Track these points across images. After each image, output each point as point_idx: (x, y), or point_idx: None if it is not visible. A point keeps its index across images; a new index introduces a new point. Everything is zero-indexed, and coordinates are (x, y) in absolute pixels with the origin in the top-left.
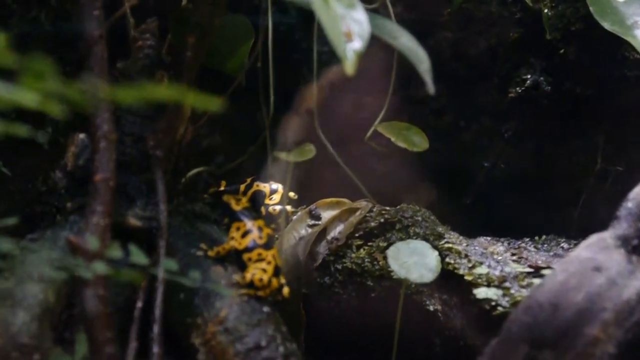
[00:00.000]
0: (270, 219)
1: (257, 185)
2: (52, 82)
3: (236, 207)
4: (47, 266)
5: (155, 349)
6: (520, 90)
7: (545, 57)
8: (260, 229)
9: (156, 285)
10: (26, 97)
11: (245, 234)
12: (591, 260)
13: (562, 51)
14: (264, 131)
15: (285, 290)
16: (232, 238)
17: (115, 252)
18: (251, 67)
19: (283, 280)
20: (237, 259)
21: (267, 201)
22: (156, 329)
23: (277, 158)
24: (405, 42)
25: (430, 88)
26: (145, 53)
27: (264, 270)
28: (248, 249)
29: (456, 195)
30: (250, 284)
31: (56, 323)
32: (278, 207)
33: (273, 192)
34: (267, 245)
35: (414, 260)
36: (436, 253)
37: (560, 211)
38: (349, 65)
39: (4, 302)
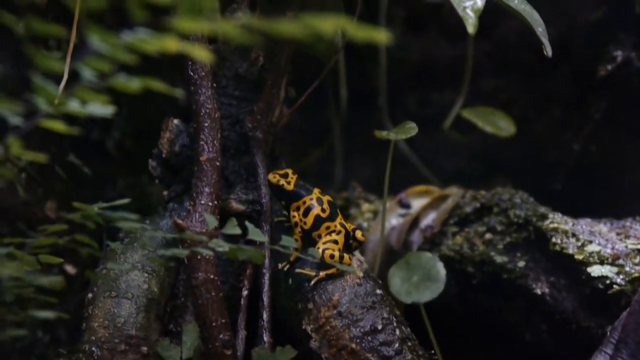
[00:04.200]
0: None
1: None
2: (206, 20)
3: (289, 188)
4: (159, 248)
5: (266, 337)
6: (610, 68)
7: (635, 33)
8: (319, 200)
9: (262, 272)
10: (168, 43)
11: (306, 211)
12: None
13: None
14: (330, 133)
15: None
16: (295, 221)
17: (234, 229)
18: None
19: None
20: (305, 239)
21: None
22: (265, 316)
23: None
24: (520, 4)
25: (548, 50)
26: None
27: (336, 242)
28: (315, 227)
29: (543, 182)
30: (322, 262)
31: (161, 314)
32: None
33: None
34: (332, 217)
35: (416, 279)
36: (437, 259)
37: None
38: (470, 25)
39: (108, 292)
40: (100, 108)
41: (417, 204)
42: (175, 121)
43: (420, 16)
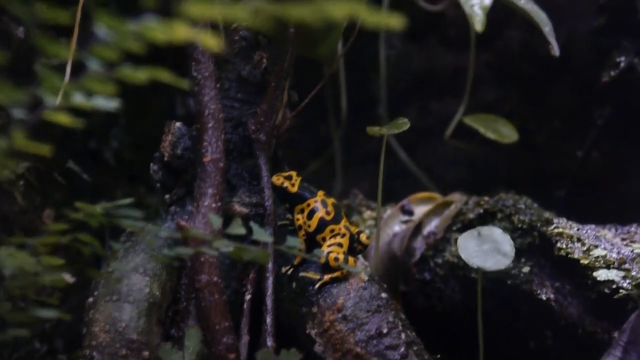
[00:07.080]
0: None
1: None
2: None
3: (293, 190)
4: (163, 249)
5: (269, 341)
6: (613, 74)
7: (638, 39)
8: (324, 203)
9: (266, 275)
10: (178, 30)
11: (311, 214)
12: None
13: None
14: (329, 145)
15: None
16: (299, 224)
17: (239, 229)
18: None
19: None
20: (309, 242)
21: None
22: (269, 320)
23: None
24: (527, 3)
25: (556, 50)
26: (241, 35)
27: (340, 245)
28: (319, 230)
29: (545, 192)
30: (327, 265)
31: (163, 319)
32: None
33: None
34: (337, 219)
35: (486, 248)
36: (508, 237)
37: None
38: (478, 22)
39: (109, 296)
40: (106, 101)
41: (420, 210)
42: (178, 124)
43: (421, 26)
